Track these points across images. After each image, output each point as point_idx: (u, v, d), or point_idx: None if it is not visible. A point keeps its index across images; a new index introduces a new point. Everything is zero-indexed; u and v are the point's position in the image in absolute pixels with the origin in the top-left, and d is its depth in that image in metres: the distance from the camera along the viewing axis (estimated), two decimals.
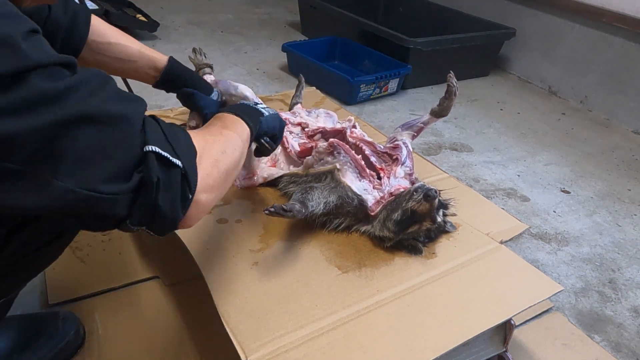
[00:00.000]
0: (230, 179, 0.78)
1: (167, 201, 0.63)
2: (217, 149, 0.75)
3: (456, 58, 2.67)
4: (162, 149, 0.62)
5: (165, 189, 0.62)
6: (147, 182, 0.60)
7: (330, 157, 1.12)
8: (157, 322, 1.09)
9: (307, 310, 0.88)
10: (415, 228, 1.02)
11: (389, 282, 0.96)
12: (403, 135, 1.20)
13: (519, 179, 1.91)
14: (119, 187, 0.59)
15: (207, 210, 0.72)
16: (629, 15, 2.35)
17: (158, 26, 2.92)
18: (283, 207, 0.94)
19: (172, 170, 0.63)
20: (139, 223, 0.63)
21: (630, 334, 1.25)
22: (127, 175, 0.60)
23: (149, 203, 0.62)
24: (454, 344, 0.85)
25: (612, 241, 1.60)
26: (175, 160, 0.63)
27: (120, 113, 0.59)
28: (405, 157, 1.13)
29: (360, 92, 2.34)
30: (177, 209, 0.65)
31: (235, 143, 0.80)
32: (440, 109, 1.20)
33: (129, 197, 0.60)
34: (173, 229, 0.69)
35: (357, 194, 1.05)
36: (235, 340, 0.81)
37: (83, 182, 0.55)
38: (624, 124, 2.46)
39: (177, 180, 0.64)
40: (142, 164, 0.61)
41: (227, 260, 0.98)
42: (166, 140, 0.64)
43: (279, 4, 3.89)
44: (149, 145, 0.61)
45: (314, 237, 1.06)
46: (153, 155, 0.61)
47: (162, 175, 0.62)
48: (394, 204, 1.03)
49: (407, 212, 0.99)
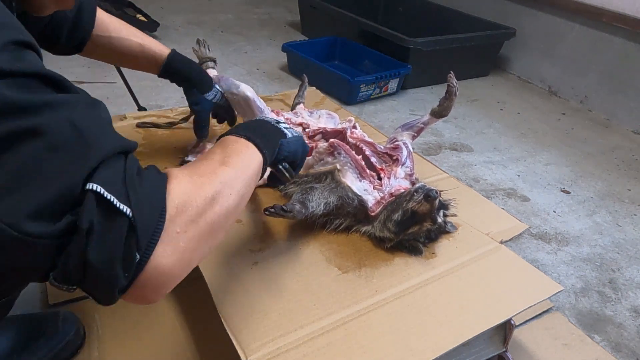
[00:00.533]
0: (216, 235, 0.62)
1: (100, 257, 0.50)
2: (204, 196, 0.59)
3: (456, 58, 2.67)
4: (107, 190, 0.50)
5: (100, 241, 0.50)
6: (77, 228, 0.49)
7: (331, 158, 1.12)
8: (157, 322, 1.09)
9: (307, 310, 0.88)
10: (416, 229, 1.02)
11: (389, 282, 0.96)
12: (403, 135, 1.20)
13: (519, 179, 1.91)
14: (42, 229, 0.47)
15: (173, 280, 0.57)
16: (629, 15, 2.35)
17: (158, 26, 2.92)
18: (283, 208, 0.94)
19: (116, 219, 0.51)
20: (64, 280, 0.51)
21: (630, 334, 1.25)
22: (56, 214, 0.48)
23: (76, 255, 0.49)
24: (454, 344, 0.85)
25: (612, 241, 1.60)
26: (122, 207, 0.51)
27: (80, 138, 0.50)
28: (405, 157, 1.13)
29: (360, 92, 2.34)
30: (116, 271, 0.51)
31: (233, 185, 0.64)
32: (440, 109, 1.20)
33: (52, 243, 0.48)
34: (112, 297, 0.54)
35: (358, 195, 1.05)
36: (235, 340, 0.81)
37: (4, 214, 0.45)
38: (624, 124, 2.46)
39: (120, 233, 0.51)
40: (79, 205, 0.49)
41: (227, 260, 0.98)
42: (123, 182, 0.52)
43: (279, 4, 3.89)
44: (92, 183, 0.50)
45: (314, 237, 1.06)
46: (92, 195, 0.49)
47: (98, 223, 0.49)
48: (395, 204, 1.03)
49: (408, 213, 0.99)
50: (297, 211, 0.97)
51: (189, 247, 0.56)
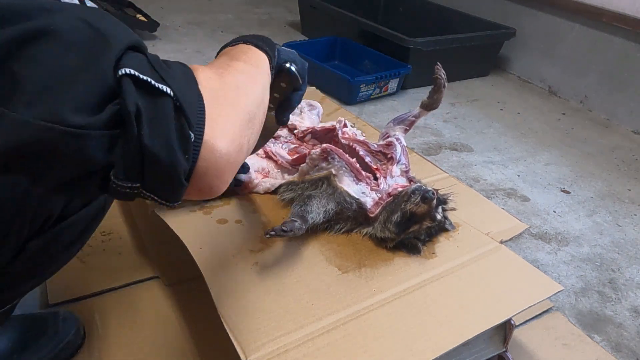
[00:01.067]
0: (254, 122, 0.61)
1: (156, 139, 0.48)
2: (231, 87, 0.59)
3: (456, 58, 2.67)
4: (141, 73, 0.48)
5: (152, 123, 0.47)
6: (124, 114, 0.46)
7: (325, 163, 1.11)
8: (157, 322, 1.09)
9: (307, 310, 0.88)
10: (416, 227, 1.02)
11: (389, 282, 0.96)
12: (396, 130, 1.19)
13: (519, 179, 1.91)
14: (88, 119, 0.45)
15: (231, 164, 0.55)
16: (629, 15, 2.35)
17: (158, 26, 2.92)
18: (283, 229, 0.93)
19: (159, 99, 0.49)
20: (126, 175, 0.48)
21: (630, 334, 1.25)
22: (97, 106, 0.46)
23: (132, 142, 0.47)
24: (454, 344, 0.85)
25: (612, 241, 1.60)
26: (162, 86, 0.49)
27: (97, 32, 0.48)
28: (399, 154, 1.13)
29: (360, 92, 2.34)
30: (175, 152, 0.49)
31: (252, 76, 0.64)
32: (430, 102, 1.20)
33: (104, 135, 0.46)
34: (179, 185, 0.51)
35: (355, 198, 1.05)
36: (235, 340, 0.81)
37: (41, 112, 0.44)
38: (624, 124, 2.46)
39: (168, 112, 0.49)
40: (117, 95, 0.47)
41: (227, 260, 0.98)
42: (151, 68, 0.50)
43: (279, 4, 3.89)
44: (124, 68, 0.47)
45: (314, 238, 1.06)
46: (129, 79, 0.47)
47: (143, 105, 0.47)
48: (393, 205, 1.03)
49: (407, 214, 1.00)
50: (297, 228, 0.97)
51: (233, 130, 0.55)
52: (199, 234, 1.04)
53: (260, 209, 1.14)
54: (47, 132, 0.44)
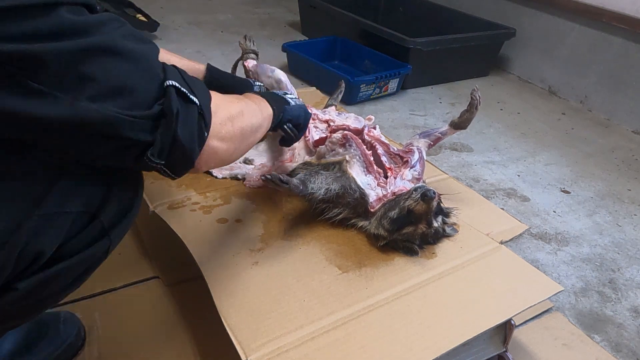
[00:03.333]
0: (245, 141, 0.82)
1: (186, 133, 0.67)
2: (234, 109, 0.80)
3: (456, 58, 2.67)
4: (181, 85, 0.67)
5: (184, 122, 0.66)
6: (167, 112, 0.65)
7: (342, 149, 1.14)
8: (157, 322, 1.09)
9: (307, 310, 0.88)
10: (410, 230, 1.01)
11: (389, 282, 0.96)
12: (420, 142, 1.22)
13: (519, 179, 1.91)
14: (140, 113, 0.62)
15: (218, 159, 0.77)
16: (629, 15, 2.35)
17: (158, 26, 2.92)
18: (280, 178, 0.95)
19: (190, 106, 0.68)
20: (159, 153, 0.66)
21: (630, 334, 1.25)
22: (148, 105, 0.63)
23: (169, 132, 0.65)
24: (454, 344, 0.85)
25: (612, 241, 1.60)
26: (193, 97, 0.68)
27: (141, 50, 0.64)
28: (415, 161, 1.14)
29: (360, 92, 2.34)
30: (195, 143, 0.69)
31: (254, 111, 0.86)
32: (460, 121, 1.23)
33: (150, 123, 0.63)
34: (189, 166, 0.71)
35: (360, 187, 1.06)
36: (235, 340, 0.81)
37: (106, 106, 0.59)
38: (624, 124, 2.46)
39: (195, 116, 0.68)
40: (162, 98, 0.65)
41: (227, 260, 0.98)
42: (184, 80, 0.69)
43: (279, 4, 3.89)
44: (169, 80, 0.66)
45: (314, 237, 1.06)
46: (173, 89, 0.66)
47: (181, 108, 0.66)
48: (393, 202, 1.03)
49: (404, 211, 0.99)
50: (294, 185, 0.99)
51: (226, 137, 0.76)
52: (199, 233, 1.04)
53: (261, 209, 1.14)
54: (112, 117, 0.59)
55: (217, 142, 0.74)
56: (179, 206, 1.12)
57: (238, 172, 1.24)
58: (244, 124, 0.81)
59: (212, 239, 1.03)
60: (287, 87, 1.33)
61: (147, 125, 0.64)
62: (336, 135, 1.16)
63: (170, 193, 1.16)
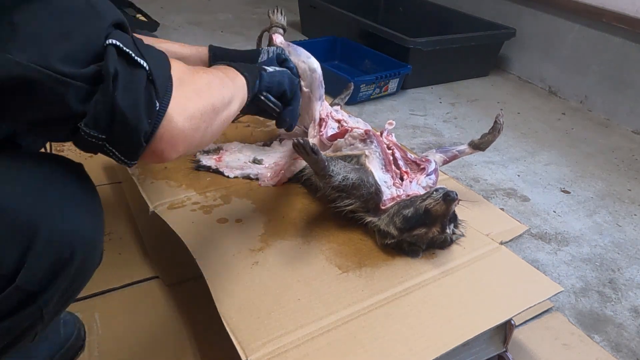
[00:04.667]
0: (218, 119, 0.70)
1: (127, 100, 0.55)
2: (201, 80, 0.69)
3: (456, 58, 2.67)
4: (125, 46, 0.57)
5: (126, 88, 0.56)
6: (104, 75, 0.54)
7: (362, 144, 1.14)
8: (157, 322, 1.09)
9: (307, 310, 0.88)
10: (422, 232, 0.99)
11: (389, 282, 0.96)
12: (435, 156, 1.23)
13: (519, 179, 1.91)
14: (73, 69, 0.52)
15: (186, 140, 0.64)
16: (629, 15, 2.35)
17: (158, 26, 2.92)
18: (312, 147, 0.92)
19: (135, 70, 0.57)
20: (95, 125, 0.55)
21: (630, 334, 1.25)
22: (83, 62, 0.54)
23: (106, 100, 0.54)
24: (454, 344, 0.85)
25: (612, 241, 1.60)
26: (140, 60, 0.58)
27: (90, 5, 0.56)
28: (432, 170, 1.14)
29: (360, 92, 2.34)
30: (140, 114, 0.57)
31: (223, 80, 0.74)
32: (480, 142, 1.25)
33: (83, 87, 0.54)
34: (138, 144, 0.59)
35: (377, 183, 1.05)
36: (236, 340, 0.81)
37: (35, 57, 0.51)
38: (624, 124, 2.46)
39: (141, 81, 0.57)
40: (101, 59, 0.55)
41: (227, 260, 0.98)
42: (133, 44, 0.59)
43: (279, 4, 3.88)
44: (111, 39, 0.56)
45: (314, 237, 1.06)
46: (113, 48, 0.56)
47: (122, 71, 0.56)
48: (409, 201, 1.02)
49: (421, 210, 0.97)
50: (322, 160, 0.96)
51: (194, 114, 0.64)
52: (199, 233, 1.04)
53: (261, 207, 1.14)
54: (35, 73, 0.50)
55: (184, 121, 0.62)
56: (179, 206, 1.12)
57: (250, 171, 1.23)
58: (215, 97, 0.70)
59: (212, 239, 1.03)
60: (319, 78, 1.25)
61: (80, 90, 0.54)
62: (358, 130, 1.16)
63: (170, 193, 1.16)
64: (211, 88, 0.70)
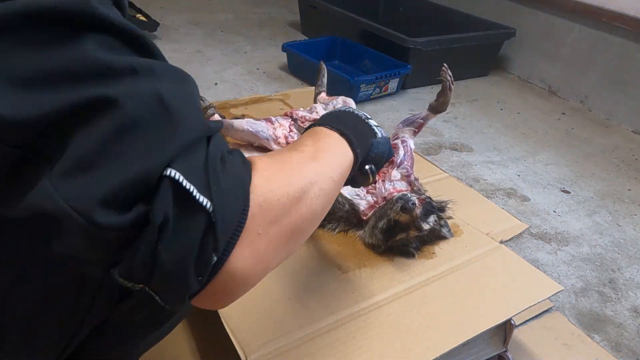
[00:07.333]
0: (298, 239, 0.54)
1: (173, 256, 0.42)
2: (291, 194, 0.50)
3: (456, 58, 2.66)
4: (186, 177, 0.42)
5: (175, 238, 0.42)
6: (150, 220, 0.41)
7: None
8: None
9: (307, 310, 0.88)
10: (403, 236, 1.00)
11: (389, 282, 0.96)
12: (404, 132, 1.18)
13: (519, 178, 1.91)
14: (112, 219, 0.40)
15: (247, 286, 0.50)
16: (629, 15, 2.35)
17: (158, 26, 2.92)
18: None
19: (194, 214, 0.43)
20: (128, 277, 0.43)
21: (630, 334, 1.25)
22: (129, 202, 0.41)
23: (145, 251, 0.42)
24: (454, 344, 0.85)
25: (612, 241, 1.60)
26: (202, 199, 0.42)
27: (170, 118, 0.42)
28: (401, 158, 1.11)
29: (360, 92, 2.34)
30: (189, 273, 0.43)
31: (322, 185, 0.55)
32: (437, 104, 1.18)
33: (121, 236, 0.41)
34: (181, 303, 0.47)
35: (348, 199, 1.04)
36: (235, 340, 0.81)
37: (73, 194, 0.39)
38: (624, 124, 2.46)
39: (197, 230, 0.43)
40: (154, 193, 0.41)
41: None
42: (204, 169, 0.44)
43: (279, 4, 3.89)
44: (171, 169, 0.41)
45: (314, 237, 1.06)
46: (170, 183, 0.41)
47: (174, 216, 0.42)
48: (382, 211, 1.01)
49: (391, 222, 0.98)
50: None
51: (268, 250, 0.49)
52: None
53: None
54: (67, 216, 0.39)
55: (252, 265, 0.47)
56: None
57: None
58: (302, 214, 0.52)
59: None
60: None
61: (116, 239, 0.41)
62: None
63: None
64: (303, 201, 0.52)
